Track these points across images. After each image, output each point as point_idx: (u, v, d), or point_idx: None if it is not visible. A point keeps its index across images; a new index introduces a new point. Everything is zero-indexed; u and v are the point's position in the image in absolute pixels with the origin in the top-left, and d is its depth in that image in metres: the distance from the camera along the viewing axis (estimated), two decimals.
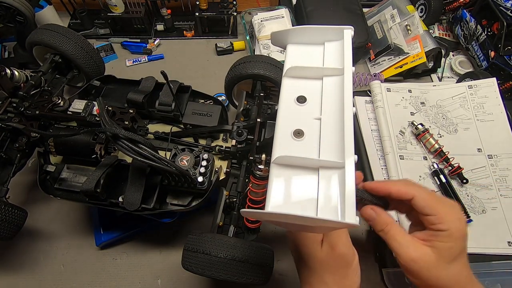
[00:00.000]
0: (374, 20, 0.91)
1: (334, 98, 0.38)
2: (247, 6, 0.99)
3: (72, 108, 0.57)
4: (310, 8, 0.86)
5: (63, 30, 0.66)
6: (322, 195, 0.32)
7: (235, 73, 0.64)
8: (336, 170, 0.33)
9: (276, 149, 0.35)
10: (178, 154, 0.53)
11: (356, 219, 0.28)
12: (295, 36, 0.44)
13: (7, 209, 0.51)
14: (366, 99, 0.79)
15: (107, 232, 0.62)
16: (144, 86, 0.60)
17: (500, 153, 0.70)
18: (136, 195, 0.51)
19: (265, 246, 0.48)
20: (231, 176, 0.56)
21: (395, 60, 0.84)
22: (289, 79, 0.41)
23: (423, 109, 0.77)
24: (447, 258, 0.35)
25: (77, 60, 0.67)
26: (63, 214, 0.67)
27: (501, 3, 0.79)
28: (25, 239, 0.64)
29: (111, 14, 0.89)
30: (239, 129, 0.54)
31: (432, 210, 0.36)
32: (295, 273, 0.43)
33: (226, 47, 0.91)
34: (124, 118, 0.53)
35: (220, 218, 0.52)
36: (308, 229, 0.34)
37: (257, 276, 0.45)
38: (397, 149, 0.71)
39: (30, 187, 0.69)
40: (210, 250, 0.44)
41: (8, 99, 0.58)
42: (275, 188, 0.33)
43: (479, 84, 0.77)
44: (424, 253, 0.36)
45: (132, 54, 0.92)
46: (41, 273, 0.62)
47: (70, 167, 0.59)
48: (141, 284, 0.61)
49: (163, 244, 0.65)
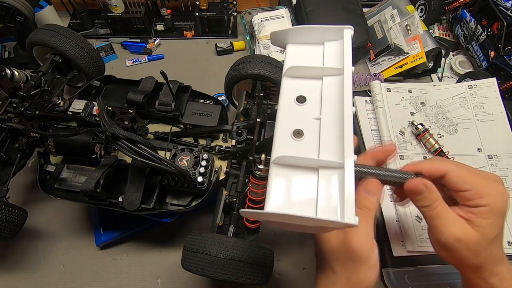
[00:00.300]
0: (374, 20, 0.91)
1: (333, 98, 0.38)
2: (247, 6, 0.99)
3: (72, 108, 0.57)
4: (310, 8, 0.86)
5: (63, 30, 0.66)
6: (322, 195, 0.32)
7: (235, 73, 0.64)
8: (335, 170, 0.33)
9: (275, 149, 0.35)
10: (178, 154, 0.53)
11: (355, 219, 0.28)
12: (295, 36, 0.44)
13: (7, 209, 0.51)
14: (366, 99, 0.79)
15: (107, 232, 0.62)
16: (144, 86, 0.60)
17: (500, 153, 0.70)
18: (135, 195, 0.51)
19: (265, 246, 0.48)
20: (231, 176, 0.56)
21: (395, 60, 0.84)
22: (288, 79, 0.41)
23: (423, 109, 0.77)
24: (489, 236, 0.34)
25: (77, 60, 0.67)
26: (63, 214, 0.67)
27: (501, 3, 0.79)
28: (25, 239, 0.64)
29: (111, 14, 0.89)
30: (239, 129, 0.54)
31: (467, 185, 0.34)
32: (295, 273, 0.43)
33: (226, 47, 0.91)
34: (124, 118, 0.53)
35: (219, 218, 0.52)
36: (307, 229, 0.34)
37: (257, 276, 0.45)
38: (397, 149, 0.71)
39: (30, 187, 0.69)
40: (210, 250, 0.44)
41: (8, 99, 0.58)
42: (274, 188, 0.33)
43: (479, 84, 0.77)
44: (469, 232, 0.34)
45: (132, 54, 0.92)
46: (41, 273, 0.62)
47: (70, 167, 0.59)
48: (141, 284, 0.61)
49: (163, 244, 0.65)
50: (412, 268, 0.60)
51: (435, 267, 0.60)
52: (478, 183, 0.34)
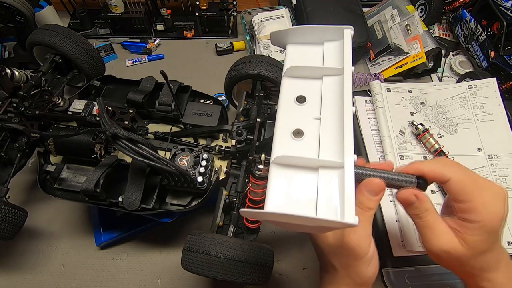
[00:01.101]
0: (374, 20, 0.91)
1: (333, 97, 0.38)
2: (247, 6, 0.99)
3: (72, 108, 0.57)
4: (310, 8, 0.86)
5: (63, 30, 0.66)
6: (322, 195, 0.32)
7: (235, 73, 0.64)
8: (335, 170, 0.33)
9: (275, 149, 0.35)
10: (178, 154, 0.53)
11: (355, 219, 0.28)
12: (295, 36, 0.44)
13: (7, 209, 0.51)
14: (366, 99, 0.79)
15: (107, 232, 0.62)
16: (144, 86, 0.60)
17: (500, 153, 0.70)
18: (135, 195, 0.51)
19: (265, 246, 0.48)
20: (230, 176, 0.56)
21: (395, 60, 0.84)
22: (288, 79, 0.41)
23: (423, 109, 0.77)
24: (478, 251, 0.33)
25: (77, 60, 0.67)
26: (63, 214, 0.67)
27: (501, 3, 0.79)
28: (25, 239, 0.64)
29: (111, 14, 0.89)
30: (239, 129, 0.54)
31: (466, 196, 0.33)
32: (295, 273, 0.43)
33: (226, 47, 0.91)
34: (124, 118, 0.53)
35: (219, 218, 0.52)
36: (308, 229, 0.34)
37: (257, 276, 0.45)
38: (397, 149, 0.71)
39: (30, 187, 0.69)
40: (210, 250, 0.44)
41: (8, 99, 0.58)
42: (274, 188, 0.33)
43: (479, 84, 0.77)
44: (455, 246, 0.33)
45: (132, 54, 0.92)
46: (41, 273, 0.62)
47: (70, 167, 0.59)
48: (141, 284, 0.61)
49: (163, 244, 0.65)
50: (412, 268, 0.60)
51: (435, 267, 0.60)
52: (478, 196, 0.33)
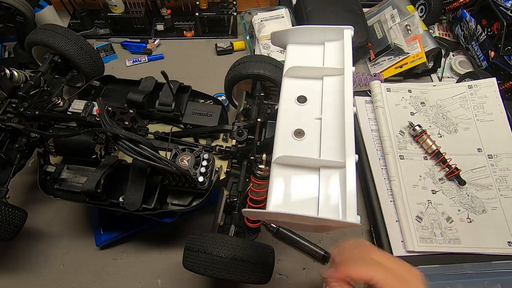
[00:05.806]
0: (374, 20, 0.91)
1: (334, 97, 0.38)
2: (247, 6, 0.99)
3: (71, 109, 0.57)
4: (310, 8, 0.86)
5: (63, 30, 0.66)
6: (323, 195, 0.32)
7: (235, 73, 0.64)
8: (336, 169, 0.33)
9: (276, 149, 0.35)
10: (179, 154, 0.53)
11: (357, 218, 0.28)
12: (295, 36, 0.44)
13: (7, 210, 0.51)
14: (366, 99, 0.79)
15: (107, 232, 0.62)
16: (144, 86, 0.60)
17: (500, 153, 0.70)
18: (136, 195, 0.51)
19: (266, 245, 0.48)
20: (231, 176, 0.56)
21: (395, 60, 0.84)
22: (289, 79, 0.41)
23: (423, 109, 0.77)
24: None
25: (77, 60, 0.67)
26: (63, 214, 0.67)
27: (501, 3, 0.79)
28: (25, 239, 0.64)
29: (111, 14, 0.89)
30: (239, 129, 0.54)
31: None
32: (295, 273, 0.43)
33: (226, 47, 0.91)
34: (124, 118, 0.53)
35: (221, 218, 0.52)
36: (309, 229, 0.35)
37: (258, 275, 0.45)
38: (397, 149, 0.71)
39: (30, 188, 0.69)
40: (211, 249, 0.44)
41: (7, 99, 0.58)
42: (276, 188, 0.33)
43: (479, 84, 0.77)
44: None
45: (132, 54, 0.92)
46: (41, 273, 0.62)
47: (70, 167, 0.59)
48: (141, 284, 0.61)
49: (163, 244, 0.64)
50: None
51: (435, 267, 0.60)
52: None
